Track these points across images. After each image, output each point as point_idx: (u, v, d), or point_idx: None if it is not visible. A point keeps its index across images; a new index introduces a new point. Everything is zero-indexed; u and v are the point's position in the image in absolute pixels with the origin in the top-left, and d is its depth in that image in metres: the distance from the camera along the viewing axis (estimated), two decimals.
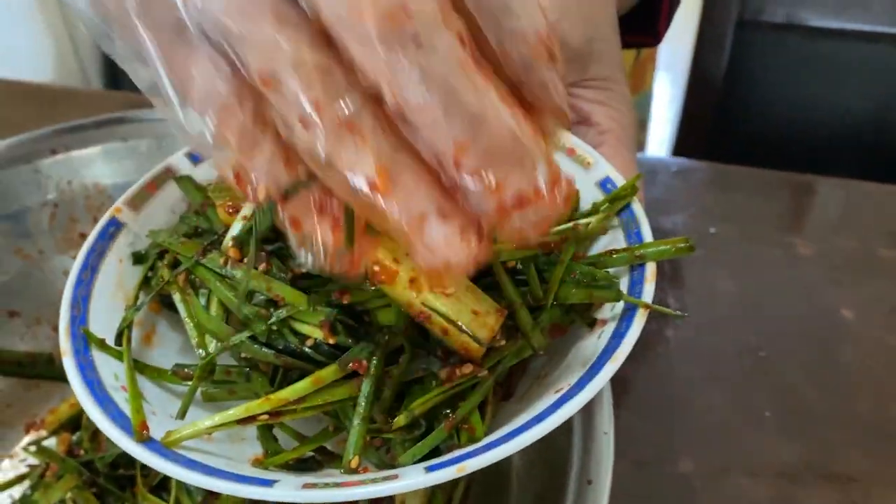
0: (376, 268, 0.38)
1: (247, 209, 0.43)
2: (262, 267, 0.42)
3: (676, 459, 0.62)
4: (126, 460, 0.59)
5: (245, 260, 0.42)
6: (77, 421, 0.65)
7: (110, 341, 0.42)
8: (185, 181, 0.49)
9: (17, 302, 0.70)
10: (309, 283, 0.41)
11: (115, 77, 1.65)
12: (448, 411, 0.39)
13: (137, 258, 0.47)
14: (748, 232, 0.80)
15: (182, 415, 0.40)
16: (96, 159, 0.72)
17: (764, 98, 1.14)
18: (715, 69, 1.12)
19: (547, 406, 0.36)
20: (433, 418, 0.39)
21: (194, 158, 0.51)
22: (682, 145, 1.20)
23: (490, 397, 0.40)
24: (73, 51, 1.68)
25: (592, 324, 0.41)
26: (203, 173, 0.51)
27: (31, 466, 0.63)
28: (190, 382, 0.42)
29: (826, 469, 0.61)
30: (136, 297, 0.45)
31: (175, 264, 0.44)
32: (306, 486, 0.34)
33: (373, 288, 0.39)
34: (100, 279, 0.45)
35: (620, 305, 0.40)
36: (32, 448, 0.63)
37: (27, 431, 0.68)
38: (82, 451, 0.62)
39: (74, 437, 0.64)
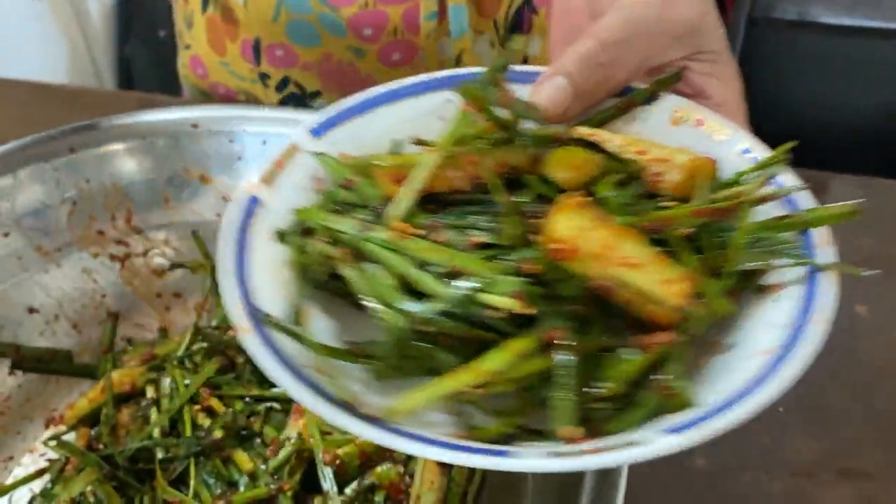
0: (558, 245, 0.38)
1: (418, 180, 0.41)
2: (440, 237, 0.40)
3: (692, 455, 0.62)
4: (145, 455, 0.61)
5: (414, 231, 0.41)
6: (96, 415, 0.65)
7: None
8: (327, 158, 0.47)
9: (37, 298, 0.70)
10: (489, 253, 0.40)
11: (128, 77, 1.59)
12: (649, 380, 0.39)
13: (282, 236, 0.45)
14: None
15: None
16: (114, 158, 0.71)
17: (776, 95, 1.15)
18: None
19: (764, 367, 0.36)
20: (635, 387, 0.39)
21: (315, 133, 0.49)
22: None
23: None
24: (87, 52, 1.65)
25: (762, 290, 0.42)
26: (324, 148, 0.49)
27: (51, 461, 0.63)
28: (362, 360, 0.40)
29: (842, 465, 0.62)
30: (296, 276, 0.42)
31: (333, 242, 0.42)
32: (552, 454, 0.33)
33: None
34: (253, 258, 0.42)
35: (794, 271, 0.41)
36: (52, 442, 0.62)
37: (47, 426, 0.68)
38: (101, 446, 0.62)
39: (93, 432, 0.64)
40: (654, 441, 0.33)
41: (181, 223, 0.74)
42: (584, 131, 0.50)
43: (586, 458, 0.33)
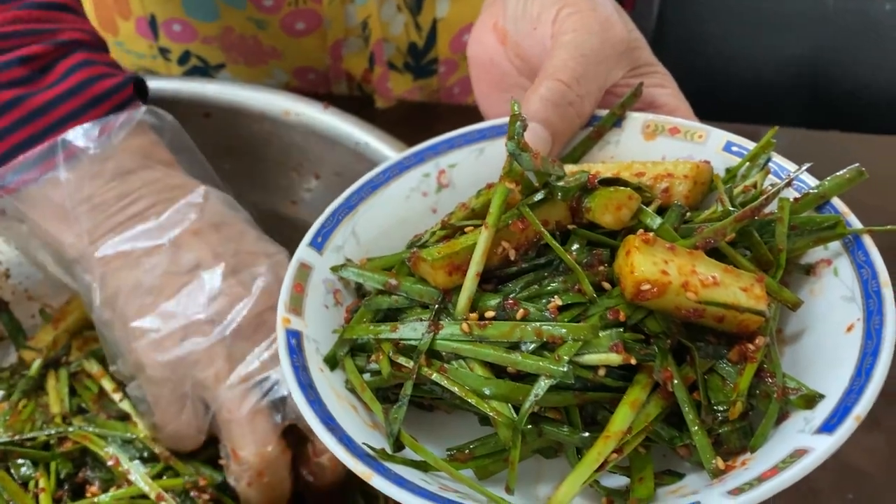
0: (645, 286, 0.38)
1: (476, 265, 0.40)
2: (520, 314, 0.39)
3: None
4: None
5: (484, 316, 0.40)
6: None
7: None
8: (350, 268, 0.45)
9: None
10: (571, 313, 0.39)
11: None
12: (758, 387, 0.39)
13: (332, 363, 0.42)
14: None
15: (511, 489, 0.36)
16: None
17: (696, 49, 1.15)
18: (644, 21, 1.10)
19: (861, 339, 0.38)
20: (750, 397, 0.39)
21: (317, 246, 0.47)
22: None
23: None
24: None
25: (809, 270, 0.44)
26: (329, 259, 0.47)
27: None
28: (469, 462, 0.39)
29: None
30: (373, 399, 0.40)
31: (406, 351, 0.40)
32: (733, 491, 0.33)
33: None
34: (323, 394, 0.39)
35: (834, 243, 0.43)
36: None
37: None
38: None
39: None
40: (818, 446, 0.34)
41: None
42: (572, 168, 0.50)
43: (767, 483, 0.33)
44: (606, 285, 0.40)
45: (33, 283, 0.69)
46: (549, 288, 0.40)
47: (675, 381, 0.38)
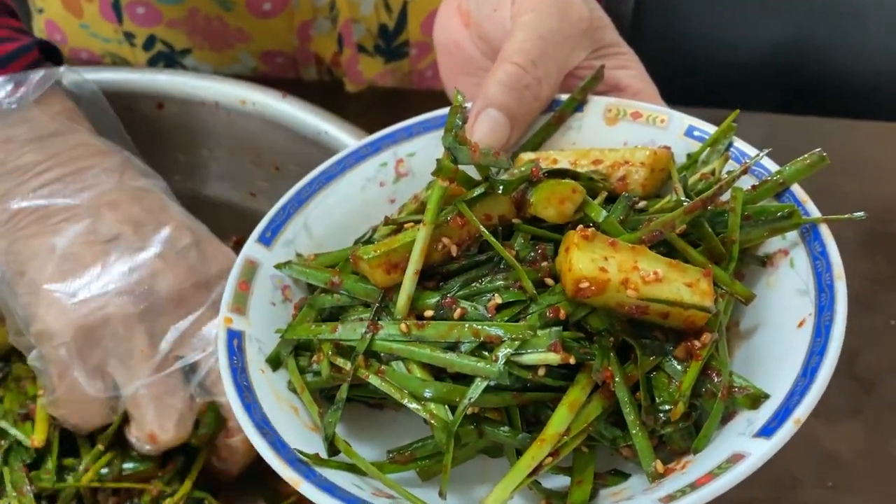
0: (584, 284, 0.36)
1: (415, 263, 0.39)
2: (457, 314, 0.38)
3: None
4: None
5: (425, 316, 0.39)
6: None
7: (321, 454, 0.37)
8: (293, 266, 0.44)
9: None
10: (510, 312, 0.38)
11: None
12: (704, 385, 0.38)
13: (275, 363, 0.41)
14: None
15: (443, 494, 0.36)
16: None
17: (675, 34, 1.13)
18: (622, 9, 1.08)
19: (811, 336, 0.36)
20: (694, 397, 0.38)
21: (265, 241, 0.46)
22: None
23: None
24: None
25: (765, 261, 0.42)
26: (279, 254, 0.46)
27: None
28: (410, 464, 0.38)
29: None
30: (310, 401, 0.39)
31: (339, 350, 0.39)
32: (666, 498, 0.32)
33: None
34: (260, 396, 0.38)
35: (791, 233, 0.41)
36: None
37: None
38: None
39: None
40: (755, 451, 0.33)
41: None
42: (529, 156, 0.49)
43: (702, 490, 0.32)
44: (550, 281, 0.39)
45: None
46: (488, 285, 0.39)
47: (617, 381, 0.37)
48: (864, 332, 0.69)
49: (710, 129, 0.48)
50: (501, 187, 0.40)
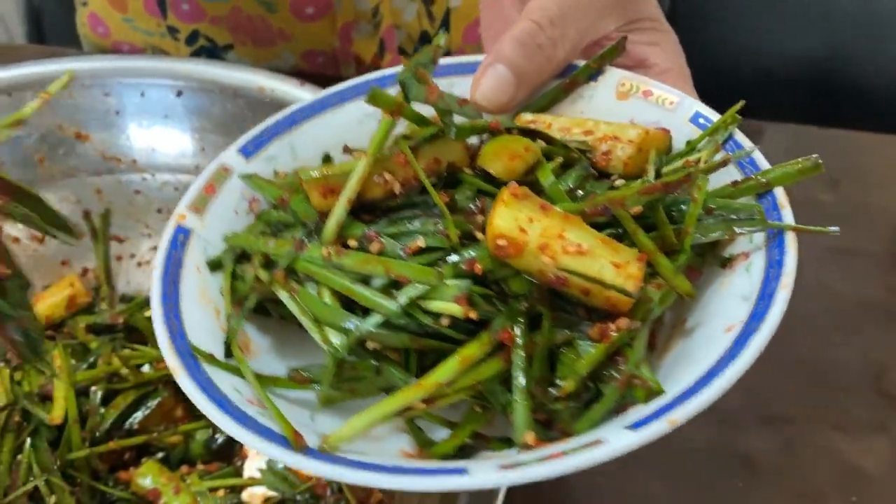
0: (501, 242, 0.35)
1: (349, 190, 0.39)
2: (375, 247, 0.38)
3: None
4: None
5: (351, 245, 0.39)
6: None
7: (217, 354, 0.37)
8: (255, 178, 0.45)
9: None
10: (430, 257, 0.38)
11: (38, 30, 1.53)
12: (609, 371, 0.36)
13: (214, 265, 0.43)
14: None
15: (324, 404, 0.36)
16: None
17: (705, 44, 1.13)
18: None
19: (730, 344, 0.34)
20: (597, 381, 0.36)
21: (245, 152, 0.47)
22: None
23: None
24: None
25: (725, 262, 0.40)
26: (258, 168, 0.47)
27: None
28: (312, 386, 0.38)
29: (764, 412, 0.63)
30: (231, 304, 0.40)
31: (268, 264, 0.40)
32: (505, 466, 0.31)
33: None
34: (183, 291, 0.40)
35: (756, 237, 0.38)
36: None
37: None
38: None
39: None
40: (615, 440, 0.31)
41: (60, 185, 0.70)
42: (527, 118, 0.48)
43: (545, 465, 0.30)
44: (480, 236, 0.38)
45: None
46: (417, 228, 0.38)
47: (516, 344, 0.35)
48: (893, 347, 0.65)
49: (717, 118, 0.44)
50: (453, 132, 0.39)
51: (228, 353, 0.39)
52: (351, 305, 0.38)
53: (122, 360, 0.64)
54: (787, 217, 0.38)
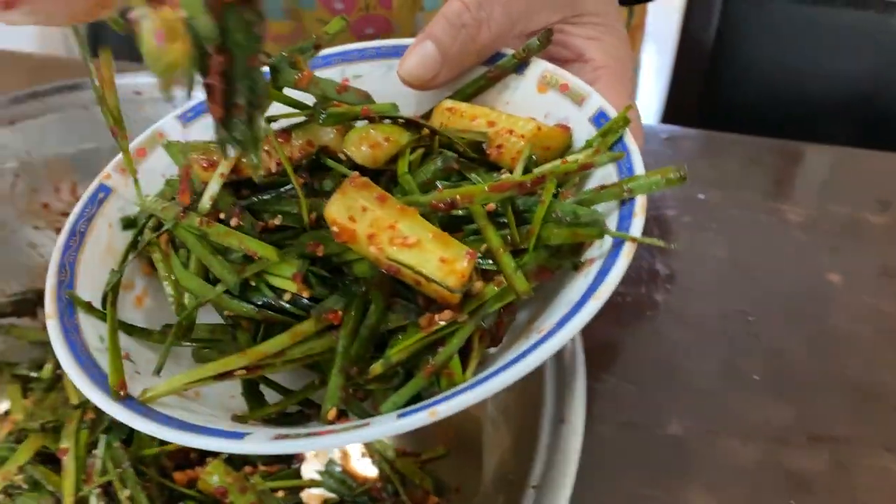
0: (334, 228, 0.37)
1: (223, 166, 0.42)
2: (234, 222, 0.41)
3: (666, 422, 0.61)
4: None
5: (221, 217, 0.42)
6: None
7: (98, 305, 0.41)
8: (173, 146, 0.48)
9: None
10: (282, 236, 0.40)
11: (97, 44, 1.65)
12: (427, 359, 0.38)
13: (127, 223, 0.47)
14: (737, 198, 0.79)
15: (158, 371, 0.40)
16: (55, 128, 0.71)
17: (753, 65, 1.11)
18: (704, 35, 1.10)
19: (524, 349, 0.35)
20: (414, 367, 0.38)
21: (184, 119, 0.50)
22: (671, 113, 1.18)
23: (476, 344, 0.39)
24: None
25: (578, 266, 0.40)
26: (195, 134, 0.50)
27: None
28: (177, 343, 0.42)
29: (814, 431, 0.61)
30: (124, 261, 0.44)
31: (158, 227, 0.43)
32: (277, 437, 0.34)
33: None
34: (88, 244, 0.44)
35: (609, 243, 0.39)
36: None
37: None
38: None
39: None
40: (379, 425, 0.33)
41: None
42: (447, 104, 0.49)
43: (311, 440, 0.33)
44: None
45: None
46: (276, 206, 0.41)
47: (345, 325, 0.38)
48: None
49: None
50: (321, 117, 0.41)
51: (103, 302, 0.43)
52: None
53: None
54: (636, 227, 0.38)
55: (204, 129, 0.51)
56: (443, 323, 0.37)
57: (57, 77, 0.73)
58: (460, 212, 0.40)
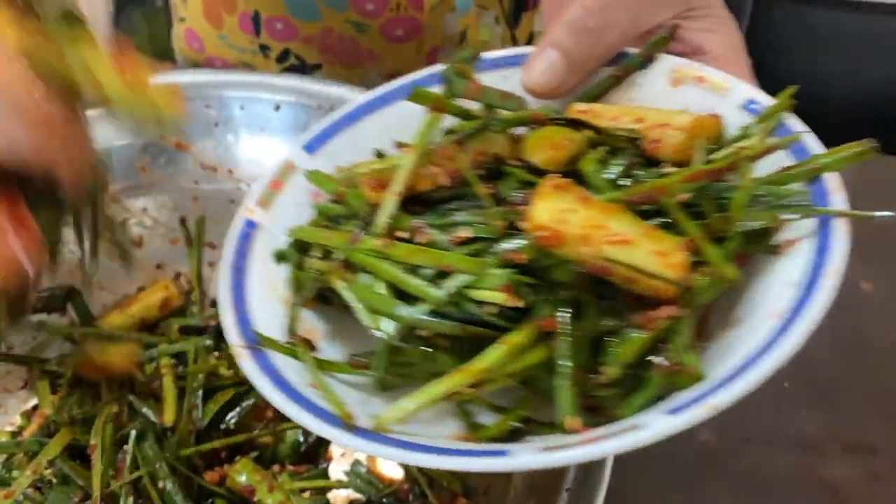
0: (542, 233, 0.36)
1: (397, 184, 0.40)
2: (422, 238, 0.40)
3: (697, 430, 0.60)
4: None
5: (400, 236, 0.40)
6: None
7: (280, 341, 0.40)
8: (316, 174, 0.47)
9: None
10: (475, 247, 0.39)
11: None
12: (653, 358, 0.37)
13: (280, 256, 0.45)
14: None
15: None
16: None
17: (783, 72, 1.13)
18: None
19: (773, 330, 0.34)
20: (639, 368, 0.37)
21: (309, 149, 0.49)
22: None
23: (692, 338, 0.38)
24: None
25: (774, 249, 0.39)
26: (320, 163, 0.49)
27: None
28: (368, 371, 0.40)
29: (847, 440, 0.61)
30: (294, 293, 0.43)
31: (327, 255, 0.42)
32: (547, 449, 0.32)
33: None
34: (250, 280, 0.43)
35: (807, 224, 0.38)
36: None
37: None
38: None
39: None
40: (654, 424, 0.32)
41: (159, 191, 0.73)
42: (580, 107, 0.48)
43: (585, 448, 0.32)
44: (525, 226, 0.39)
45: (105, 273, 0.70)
46: (463, 219, 0.40)
47: (561, 331, 0.37)
48: None
49: (771, 103, 0.44)
50: (495, 125, 0.40)
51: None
52: (403, 295, 0.40)
53: (228, 357, 0.67)
54: (838, 203, 0.37)
55: (328, 157, 0.50)
56: (665, 318, 0.36)
57: None
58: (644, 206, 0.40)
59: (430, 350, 0.39)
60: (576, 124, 0.42)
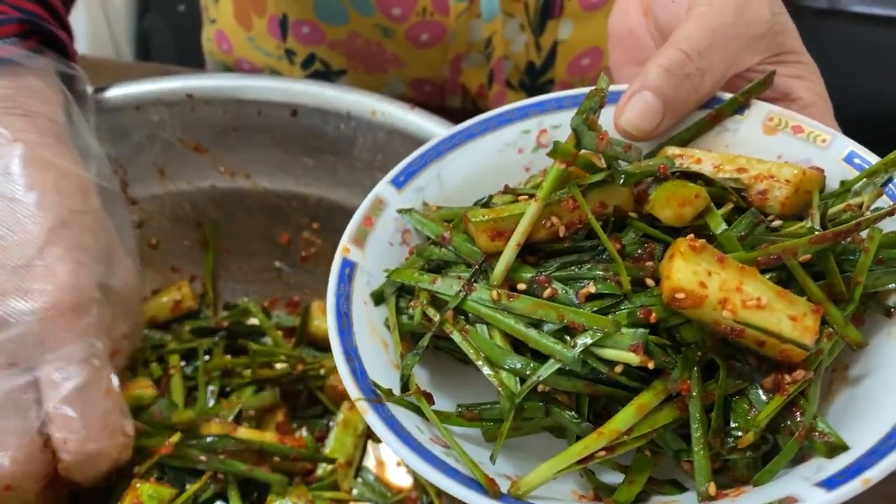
0: (680, 295, 0.36)
1: (518, 235, 0.40)
2: (548, 293, 0.39)
3: None
4: None
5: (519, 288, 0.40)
6: None
7: (393, 390, 0.39)
8: (413, 214, 0.46)
9: None
10: (601, 304, 0.39)
11: (146, 50, 1.60)
12: (785, 422, 0.37)
13: (378, 298, 0.44)
14: None
15: (493, 459, 0.37)
16: (107, 129, 0.69)
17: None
18: None
19: None
20: (771, 431, 0.37)
21: (397, 184, 0.48)
22: None
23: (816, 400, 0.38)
24: (106, 24, 1.64)
25: (890, 311, 0.40)
26: (408, 198, 0.48)
27: None
28: (475, 423, 0.40)
29: None
30: (396, 338, 0.42)
31: (434, 301, 0.41)
32: None
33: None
34: (357, 325, 0.41)
35: None
36: None
37: None
38: None
39: None
40: (811, 498, 0.32)
41: (176, 194, 0.73)
42: (674, 151, 0.48)
43: None
44: (651, 283, 0.39)
45: None
46: (586, 272, 0.39)
47: (693, 395, 0.36)
48: None
49: (874, 158, 0.44)
50: (622, 178, 0.40)
51: (402, 388, 0.41)
52: (519, 348, 0.40)
53: (255, 353, 0.67)
54: None
55: (414, 193, 0.49)
56: (794, 383, 0.36)
57: (106, 78, 0.71)
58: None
59: (550, 406, 0.39)
60: (691, 176, 0.42)
